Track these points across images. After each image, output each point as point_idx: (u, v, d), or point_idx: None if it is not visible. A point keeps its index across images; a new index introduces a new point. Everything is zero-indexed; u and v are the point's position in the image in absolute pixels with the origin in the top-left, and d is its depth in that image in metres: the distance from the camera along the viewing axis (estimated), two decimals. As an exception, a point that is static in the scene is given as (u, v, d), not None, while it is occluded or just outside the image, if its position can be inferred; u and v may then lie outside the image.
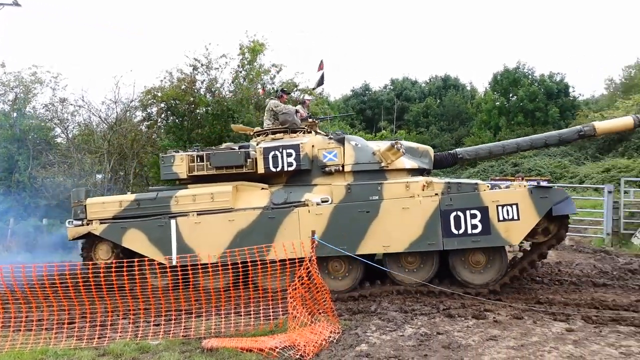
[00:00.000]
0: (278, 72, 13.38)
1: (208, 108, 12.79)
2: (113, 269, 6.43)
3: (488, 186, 7.07)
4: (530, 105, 27.17)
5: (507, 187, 7.12)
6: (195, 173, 7.88)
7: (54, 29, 60.57)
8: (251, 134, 9.12)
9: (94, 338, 5.68)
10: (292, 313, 5.25)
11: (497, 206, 6.74)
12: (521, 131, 26.61)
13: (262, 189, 7.78)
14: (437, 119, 33.72)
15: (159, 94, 12.85)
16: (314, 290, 5.72)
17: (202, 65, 13.03)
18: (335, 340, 5.28)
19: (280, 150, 7.65)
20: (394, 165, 7.54)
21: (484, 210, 6.79)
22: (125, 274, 6.15)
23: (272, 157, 7.65)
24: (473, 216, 6.81)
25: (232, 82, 13.19)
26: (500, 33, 71.04)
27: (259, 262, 6.35)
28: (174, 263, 7.33)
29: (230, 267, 7.06)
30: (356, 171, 7.61)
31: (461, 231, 6.84)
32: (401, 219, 6.92)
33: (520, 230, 6.72)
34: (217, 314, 6.42)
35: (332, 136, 7.96)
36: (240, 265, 6.53)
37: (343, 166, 7.61)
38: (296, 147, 7.64)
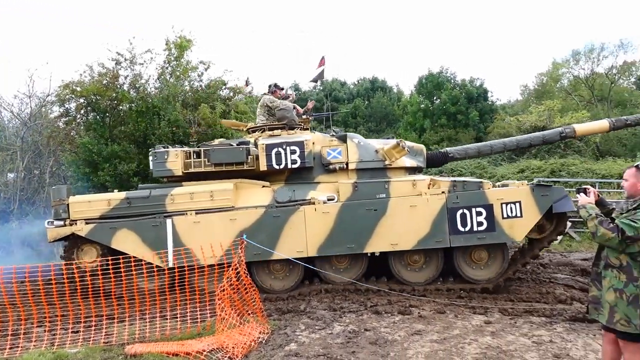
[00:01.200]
0: (206, 69, 13.10)
1: (132, 105, 12.27)
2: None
3: (491, 184, 7.29)
4: (453, 109, 28.41)
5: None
6: (192, 170, 7.50)
7: (-42, 15, 55.66)
8: (244, 129, 8.89)
9: (5, 348, 5.28)
10: (220, 315, 5.16)
11: (502, 204, 6.88)
12: (444, 133, 27.80)
13: (263, 186, 7.58)
14: (365, 120, 34.43)
15: (79, 89, 12.15)
16: (242, 292, 5.65)
17: (125, 59, 12.48)
18: (264, 341, 5.25)
19: (284, 147, 7.41)
20: (396, 164, 7.63)
21: (489, 208, 6.92)
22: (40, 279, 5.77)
23: (275, 154, 7.40)
24: (479, 214, 6.93)
25: (158, 79, 12.75)
26: (426, 38, 73.83)
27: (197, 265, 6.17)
28: (171, 265, 6.96)
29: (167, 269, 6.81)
30: (359, 169, 7.62)
31: (467, 228, 6.96)
32: (409, 217, 6.93)
33: (523, 226, 6.92)
34: (141, 319, 6.18)
35: (333, 133, 7.92)
36: (176, 268, 6.28)
37: (347, 164, 7.58)
38: (300, 144, 7.44)
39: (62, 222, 7.19)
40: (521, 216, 6.87)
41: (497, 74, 62.04)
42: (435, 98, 30.51)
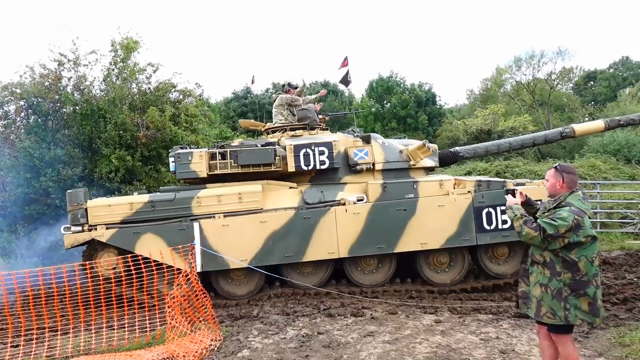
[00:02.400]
0: (155, 72, 12.75)
1: (76, 107, 11.78)
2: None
3: (514, 183, 7.38)
4: (402, 112, 29.00)
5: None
6: (218, 172, 7.29)
7: None
8: (262, 129, 8.75)
9: None
10: (170, 323, 5.03)
11: None
12: (395, 136, 28.29)
13: (290, 187, 7.48)
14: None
15: (18, 91, 11.56)
16: (193, 299, 5.54)
17: (69, 60, 11.98)
18: (216, 348, 5.17)
19: (312, 147, 7.36)
20: (418, 164, 7.73)
21: None
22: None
23: (304, 154, 7.34)
24: (503, 212, 7.00)
25: (104, 81, 12.29)
26: (376, 43, 75.03)
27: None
28: (199, 269, 6.67)
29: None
30: (385, 169, 7.63)
31: (492, 226, 7.11)
32: (437, 216, 6.97)
33: None
34: (87, 330, 5.94)
35: (357, 134, 7.88)
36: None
37: (374, 164, 7.56)
38: (329, 145, 7.41)
39: (80, 228, 6.85)
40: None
41: (444, 79, 63.87)
42: (385, 102, 31.04)
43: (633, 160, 18.84)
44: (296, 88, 8.77)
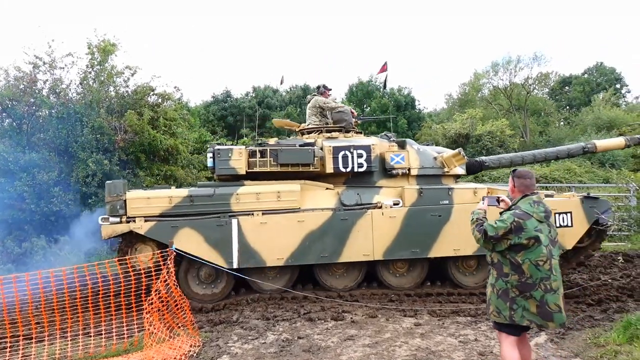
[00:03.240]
0: (132, 75, 12.58)
1: (52, 110, 11.56)
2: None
3: (543, 195, 7.41)
4: (382, 116, 29.18)
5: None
6: (256, 169, 7.31)
7: None
8: (296, 129, 8.83)
9: None
10: (148, 329, 4.96)
11: (555, 214, 7.04)
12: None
13: (327, 188, 7.52)
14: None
15: (-8, 93, 11.31)
16: (172, 304, 5.47)
17: (44, 63, 11.75)
18: (195, 354, 5.11)
19: (351, 150, 7.42)
20: (451, 171, 7.86)
21: None
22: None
23: (342, 156, 7.40)
24: None
25: (81, 84, 12.09)
26: (355, 48, 75.43)
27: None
28: (235, 266, 6.85)
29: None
30: (419, 175, 7.70)
31: None
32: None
33: (573, 236, 7.21)
34: (62, 337, 5.81)
35: (392, 139, 7.97)
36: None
37: (409, 169, 7.61)
38: (367, 148, 7.49)
39: (118, 219, 6.83)
40: (572, 226, 7.16)
41: (423, 83, 64.48)
42: (365, 106, 31.20)
43: (607, 163, 19.29)
44: (330, 90, 8.87)
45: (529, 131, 29.58)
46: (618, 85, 38.02)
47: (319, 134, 8.17)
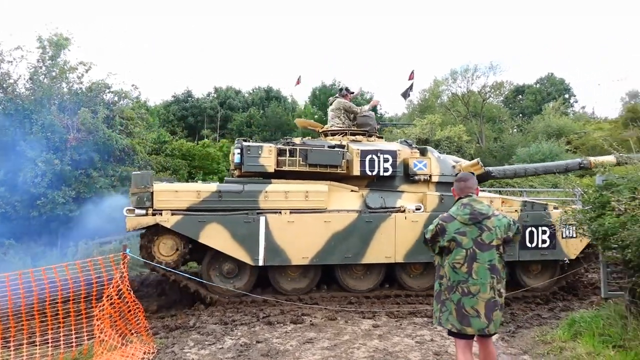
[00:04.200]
0: (87, 71, 12.16)
1: (-1, 107, 11.07)
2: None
3: (553, 206, 7.68)
4: (344, 120, 29.41)
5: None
6: (285, 168, 7.36)
7: None
8: (319, 130, 8.87)
9: None
10: (99, 337, 4.79)
11: (562, 225, 7.10)
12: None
13: (352, 190, 7.62)
14: (260, 129, 34.35)
15: None
16: (125, 310, 5.31)
17: (-10, 57, 11.23)
18: (149, 361, 4.97)
19: (378, 154, 7.57)
20: None
21: (553, 228, 7.46)
22: None
23: (369, 160, 7.53)
24: (544, 232, 7.46)
25: (30, 79, 11.60)
26: (318, 51, 75.73)
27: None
28: (261, 263, 6.89)
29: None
30: (438, 182, 7.89)
31: (534, 245, 7.48)
32: None
33: (577, 246, 7.57)
34: (4, 347, 5.53)
35: (414, 146, 8.18)
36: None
37: (430, 176, 7.80)
38: (394, 153, 7.67)
39: (144, 211, 6.69)
40: (576, 237, 7.37)
41: (384, 88, 65.38)
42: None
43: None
44: (352, 93, 8.98)
45: (485, 137, 30.44)
46: (567, 95, 39.72)
47: (342, 136, 8.28)
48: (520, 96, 41.05)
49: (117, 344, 4.94)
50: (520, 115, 37.88)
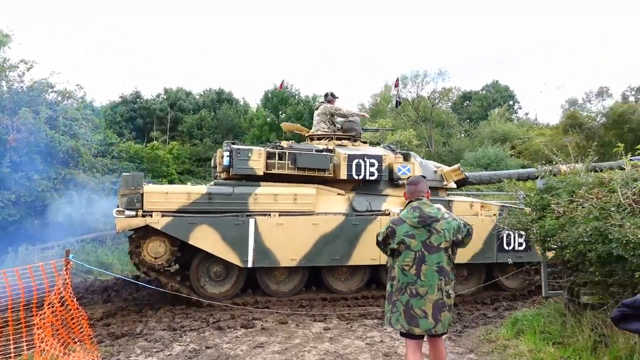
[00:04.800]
0: (28, 70, 11.65)
1: None
2: None
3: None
4: (297, 123, 29.44)
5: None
6: (274, 171, 7.45)
7: None
8: (305, 134, 9.04)
9: None
10: (39, 346, 4.58)
11: None
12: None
13: (339, 194, 7.77)
14: (211, 131, 33.88)
15: None
16: (67, 318, 5.10)
17: None
18: (93, 370, 4.80)
19: (364, 159, 7.72)
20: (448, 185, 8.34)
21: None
22: None
23: (356, 164, 7.68)
24: (520, 235, 7.65)
25: (-35, 77, 11.02)
26: (270, 53, 75.53)
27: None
28: (250, 265, 6.99)
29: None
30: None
31: (510, 247, 7.77)
32: None
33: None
34: None
35: (397, 151, 8.37)
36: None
37: None
38: (379, 158, 7.85)
39: (134, 213, 6.65)
40: None
41: (336, 92, 65.85)
42: (280, 112, 31.30)
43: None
44: (337, 97, 9.06)
45: (434, 142, 31.24)
46: (511, 102, 41.36)
47: (328, 140, 8.44)
48: (467, 102, 42.38)
49: (60, 353, 4.73)
50: (468, 120, 39.08)
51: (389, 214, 7.52)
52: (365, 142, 8.89)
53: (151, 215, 6.75)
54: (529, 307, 6.66)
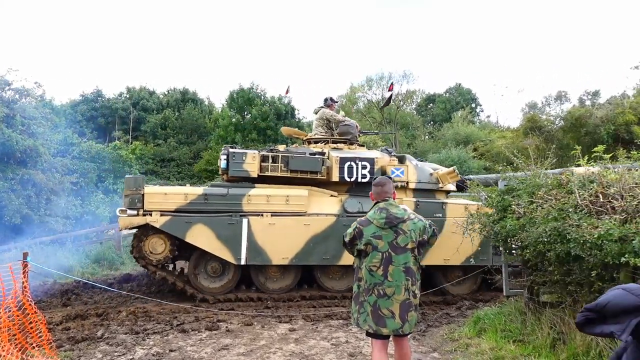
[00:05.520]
0: (-18, 67, 11.24)
1: None
2: None
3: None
4: (263, 124, 29.27)
5: None
6: (268, 173, 7.70)
7: None
8: (303, 138, 9.23)
9: None
10: (-6, 353, 4.41)
11: None
12: (254, 147, 28.38)
13: (331, 195, 7.92)
14: (175, 131, 33.37)
15: None
16: (25, 322, 4.93)
17: None
18: (52, 376, 4.65)
19: (357, 161, 7.88)
20: (444, 187, 8.37)
21: None
22: None
23: (348, 167, 7.83)
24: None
25: None
26: (237, 54, 74.96)
27: None
28: (243, 262, 7.30)
29: None
30: (416, 189, 8.14)
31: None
32: (461, 236, 6.84)
33: None
34: None
35: (393, 153, 8.43)
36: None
37: (407, 183, 8.01)
38: (371, 161, 7.97)
39: (135, 212, 7.11)
40: None
41: (302, 93, 66.01)
42: (246, 113, 31.09)
43: (463, 174, 21.33)
44: (336, 102, 9.31)
45: (399, 143, 31.67)
46: (473, 105, 42.33)
47: (325, 144, 8.61)
48: (431, 104, 43.12)
49: (17, 359, 4.57)
50: (432, 122, 39.80)
51: None
52: (362, 145, 9.03)
53: (151, 215, 7.15)
54: (491, 306, 6.82)
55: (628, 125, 18.33)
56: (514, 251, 5.52)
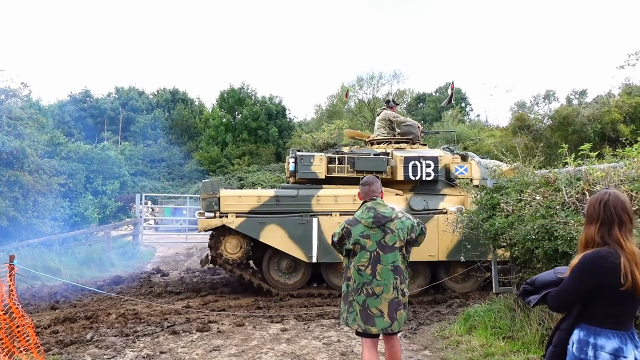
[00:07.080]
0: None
1: None
2: None
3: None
4: (254, 124, 29.26)
5: None
6: (335, 174, 8.03)
7: None
8: (366, 140, 9.45)
9: None
10: (-19, 357, 4.36)
11: None
12: (245, 147, 28.33)
13: (397, 194, 8.02)
14: (165, 132, 33.20)
15: None
16: (12, 326, 4.87)
17: None
18: (40, 380, 4.60)
19: (420, 160, 8.03)
20: None
21: None
22: None
23: (412, 166, 8.01)
24: None
25: None
26: (228, 53, 74.68)
27: None
28: (314, 260, 7.65)
29: None
30: (478, 186, 7.88)
31: None
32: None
33: None
34: None
35: (456, 151, 8.58)
36: None
37: (471, 180, 7.98)
38: (435, 159, 8.11)
39: (212, 214, 7.60)
40: None
41: (294, 93, 65.95)
42: (237, 113, 31.00)
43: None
44: (397, 105, 9.53)
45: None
46: (463, 104, 42.54)
47: (387, 144, 8.80)
48: (421, 104, 43.28)
49: (3, 364, 4.52)
50: (422, 121, 39.92)
51: (446, 212, 7.77)
52: (424, 145, 9.20)
53: (227, 216, 7.66)
54: (481, 303, 6.86)
55: (614, 123, 18.50)
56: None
